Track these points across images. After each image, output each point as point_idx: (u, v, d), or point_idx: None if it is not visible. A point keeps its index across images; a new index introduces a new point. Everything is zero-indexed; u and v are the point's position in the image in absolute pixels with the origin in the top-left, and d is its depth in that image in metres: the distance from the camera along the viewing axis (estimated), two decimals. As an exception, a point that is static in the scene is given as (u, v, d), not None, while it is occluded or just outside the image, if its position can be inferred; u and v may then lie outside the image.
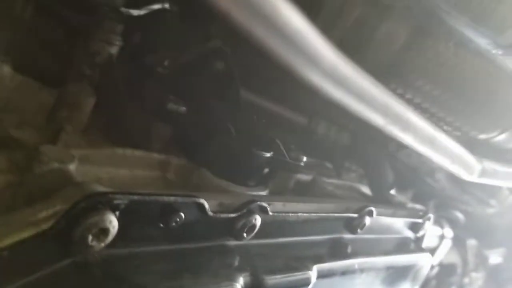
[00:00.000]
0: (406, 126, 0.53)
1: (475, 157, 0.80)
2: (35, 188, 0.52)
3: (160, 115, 0.76)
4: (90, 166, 0.64)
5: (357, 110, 0.44)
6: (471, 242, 1.75)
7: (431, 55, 0.90)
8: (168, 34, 0.89)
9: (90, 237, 0.47)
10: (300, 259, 0.73)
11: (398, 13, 0.83)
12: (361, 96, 0.42)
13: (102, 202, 0.47)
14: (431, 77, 0.92)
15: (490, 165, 0.87)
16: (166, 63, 0.86)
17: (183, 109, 0.76)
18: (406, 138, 0.56)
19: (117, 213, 0.49)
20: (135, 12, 0.82)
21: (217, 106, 0.84)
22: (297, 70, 0.36)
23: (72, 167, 0.54)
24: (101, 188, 0.49)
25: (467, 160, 0.78)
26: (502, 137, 1.02)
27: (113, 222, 0.48)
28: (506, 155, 1.18)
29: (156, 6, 0.86)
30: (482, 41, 0.81)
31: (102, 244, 0.49)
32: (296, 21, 0.33)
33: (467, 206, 1.63)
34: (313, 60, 0.35)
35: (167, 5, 0.88)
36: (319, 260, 0.76)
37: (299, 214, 0.73)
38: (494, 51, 0.82)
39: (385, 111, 0.47)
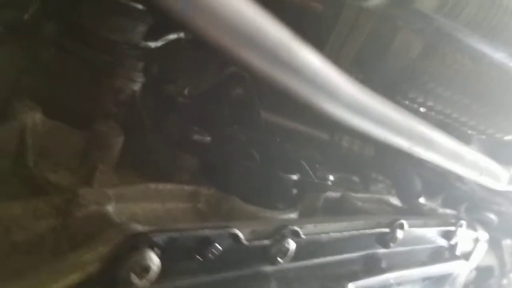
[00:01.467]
0: (431, 145, 0.53)
1: (502, 166, 0.79)
2: (77, 231, 0.55)
3: (186, 146, 0.78)
4: (125, 203, 0.66)
5: (382, 136, 0.45)
6: (507, 242, 1.71)
7: (449, 62, 0.90)
8: (185, 63, 0.91)
9: (133, 276, 0.49)
10: (336, 278, 0.73)
11: (411, 29, 0.84)
12: (384, 123, 0.43)
13: (142, 241, 0.49)
14: (449, 83, 0.92)
15: (517, 171, 0.86)
16: (185, 92, 0.88)
17: (207, 139, 0.78)
18: (433, 157, 0.57)
19: (157, 250, 0.51)
20: (152, 44, 0.85)
21: (240, 132, 0.85)
22: (318, 105, 0.37)
23: (110, 208, 0.57)
24: (140, 228, 0.51)
25: (495, 170, 0.77)
26: (527, 137, 1.01)
27: (153, 260, 0.50)
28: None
29: (172, 36, 0.88)
30: (497, 55, 0.81)
31: (145, 281, 0.51)
32: (313, 60, 0.34)
33: (500, 206, 1.61)
34: (333, 95, 0.36)
35: (182, 35, 0.90)
36: (354, 277, 0.76)
37: (331, 233, 0.74)
38: (511, 64, 0.82)
39: (409, 134, 0.48)
